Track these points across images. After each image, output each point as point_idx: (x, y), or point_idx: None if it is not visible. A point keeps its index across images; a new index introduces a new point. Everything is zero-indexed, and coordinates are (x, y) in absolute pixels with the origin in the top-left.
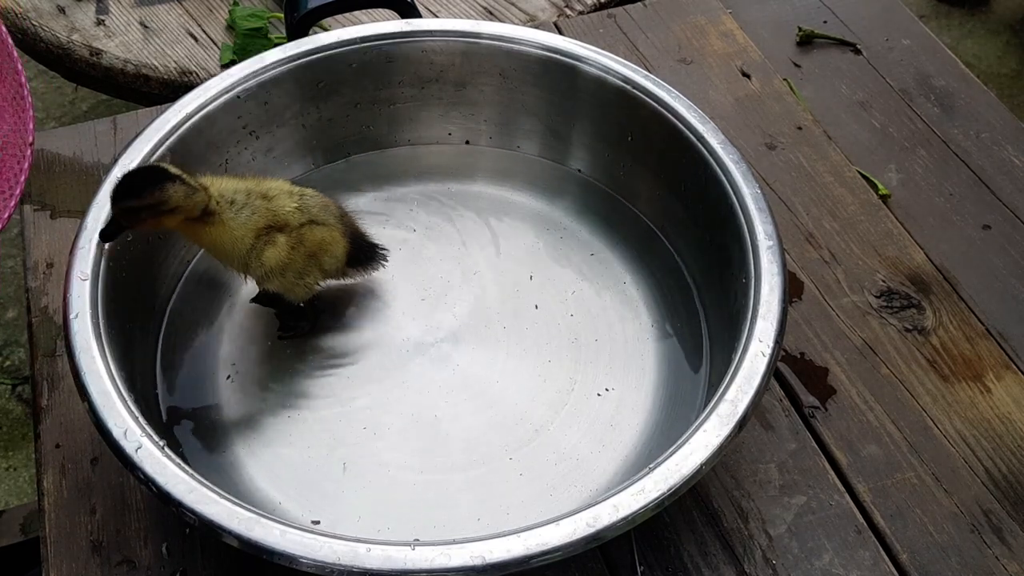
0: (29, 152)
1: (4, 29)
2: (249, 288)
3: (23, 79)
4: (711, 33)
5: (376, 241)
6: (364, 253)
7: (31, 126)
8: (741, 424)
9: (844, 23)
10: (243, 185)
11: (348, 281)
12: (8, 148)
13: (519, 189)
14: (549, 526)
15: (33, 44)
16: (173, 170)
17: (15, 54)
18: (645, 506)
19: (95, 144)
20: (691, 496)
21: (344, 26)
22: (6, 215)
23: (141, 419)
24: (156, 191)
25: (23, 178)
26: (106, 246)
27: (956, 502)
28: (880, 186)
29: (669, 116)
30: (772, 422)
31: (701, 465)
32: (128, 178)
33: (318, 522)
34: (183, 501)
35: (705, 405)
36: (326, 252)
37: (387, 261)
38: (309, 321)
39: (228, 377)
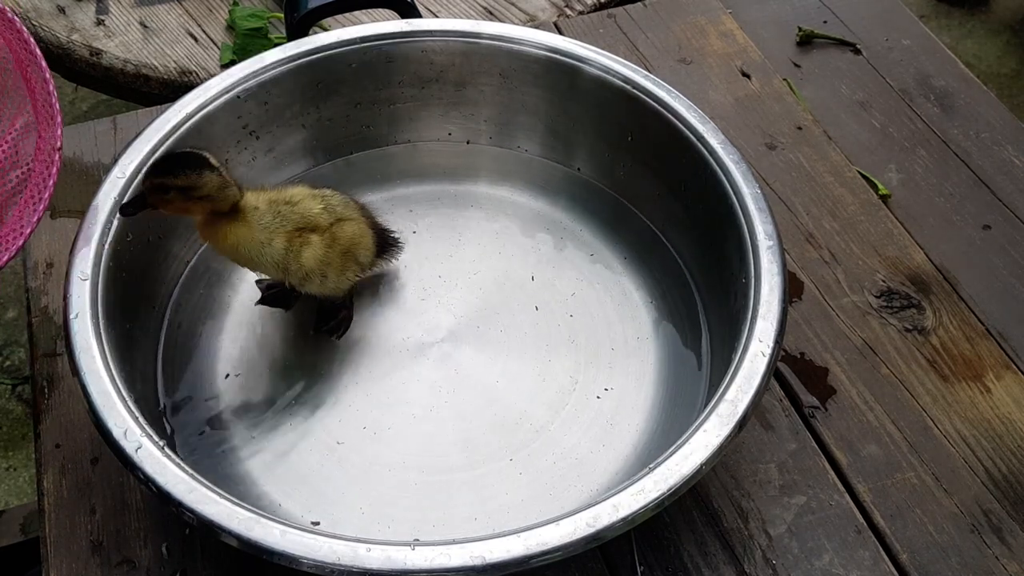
0: (57, 157)
1: (32, 41)
2: (250, 286)
3: (52, 87)
4: (711, 33)
5: (389, 229)
6: (386, 240)
7: (59, 132)
8: (741, 424)
9: (844, 23)
10: (264, 196)
11: (376, 271)
12: (39, 154)
13: (519, 189)
14: (549, 526)
15: None
16: (213, 160)
17: (43, 64)
18: (645, 506)
19: (95, 144)
20: (691, 496)
21: (344, 26)
22: (35, 218)
23: (141, 419)
24: (193, 174)
25: (52, 181)
26: (106, 246)
27: (956, 502)
28: (880, 186)
29: (669, 116)
30: (772, 422)
31: (701, 465)
32: (168, 157)
33: (318, 522)
34: (183, 501)
35: (705, 405)
36: (359, 246)
37: (403, 246)
38: (350, 307)
39: (227, 376)
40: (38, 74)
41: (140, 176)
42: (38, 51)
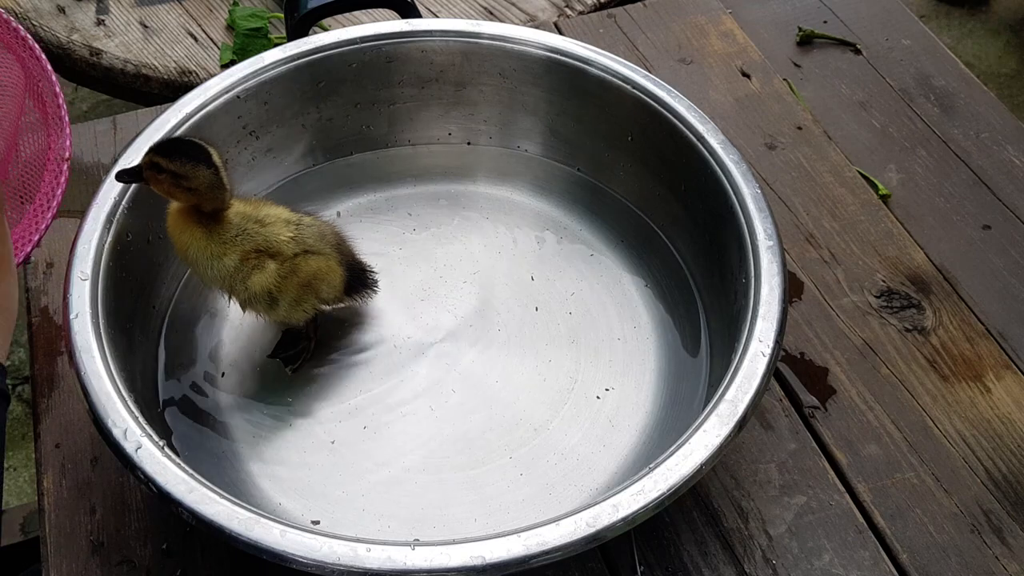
0: (66, 167)
1: (44, 56)
2: None
3: (61, 100)
4: (711, 33)
5: (369, 268)
6: (360, 281)
7: (68, 143)
8: (741, 424)
9: (844, 23)
10: (241, 207)
11: (340, 306)
12: (48, 165)
13: (519, 189)
14: (549, 526)
15: None
16: (216, 158)
17: (54, 78)
18: (645, 506)
19: (95, 144)
20: (691, 496)
21: (344, 26)
22: (43, 225)
23: (141, 419)
24: (188, 163)
25: (60, 191)
26: (106, 246)
27: (956, 502)
28: (880, 186)
29: (669, 116)
30: (772, 422)
31: (701, 465)
32: (173, 140)
33: (318, 522)
34: (183, 501)
35: (705, 405)
36: (323, 281)
37: (378, 288)
38: (310, 338)
39: (226, 376)
40: (48, 87)
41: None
42: (49, 66)
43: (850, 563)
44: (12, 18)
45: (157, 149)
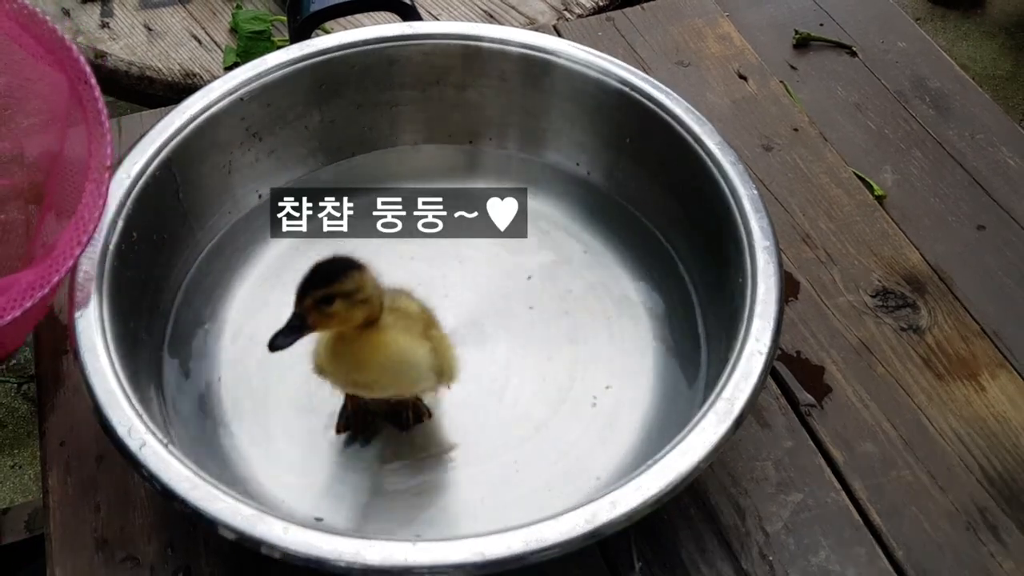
0: (108, 176)
1: (83, 59)
2: (251, 288)
3: (101, 105)
4: (708, 36)
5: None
6: None
7: (109, 151)
8: (738, 422)
9: (840, 25)
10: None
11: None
12: (90, 174)
13: (519, 190)
14: (548, 523)
15: None
16: (358, 260)
17: (93, 81)
18: (643, 503)
19: None
20: (689, 493)
21: (346, 29)
22: (85, 238)
23: (145, 417)
24: (356, 273)
25: (103, 201)
26: (111, 246)
27: (951, 500)
28: (875, 187)
29: (667, 118)
30: (769, 420)
31: (698, 463)
32: (317, 269)
33: (321, 519)
34: (187, 498)
35: (703, 403)
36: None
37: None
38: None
39: (230, 375)
40: (89, 93)
41: (296, 299)
42: (87, 67)
43: (846, 559)
44: (56, 25)
45: (314, 284)
